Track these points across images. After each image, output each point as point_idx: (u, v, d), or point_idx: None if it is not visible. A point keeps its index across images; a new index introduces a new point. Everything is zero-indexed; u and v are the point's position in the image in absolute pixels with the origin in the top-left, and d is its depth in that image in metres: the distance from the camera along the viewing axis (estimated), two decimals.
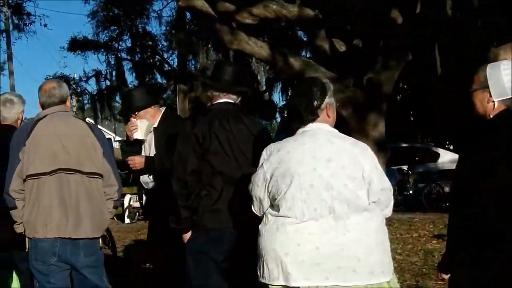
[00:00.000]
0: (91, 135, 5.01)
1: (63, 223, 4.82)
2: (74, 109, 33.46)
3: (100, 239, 5.04)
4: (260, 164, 4.00)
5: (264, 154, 4.00)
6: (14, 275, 5.68)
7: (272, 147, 4.00)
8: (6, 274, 5.60)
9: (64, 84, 5.34)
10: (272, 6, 9.23)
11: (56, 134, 4.93)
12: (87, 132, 5.00)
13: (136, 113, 5.93)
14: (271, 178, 3.89)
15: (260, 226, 3.92)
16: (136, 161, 5.88)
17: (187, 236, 4.88)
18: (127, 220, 18.76)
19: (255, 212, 4.03)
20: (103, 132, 5.51)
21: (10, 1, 28.46)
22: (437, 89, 20.77)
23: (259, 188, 3.95)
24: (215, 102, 5.05)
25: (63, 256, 4.86)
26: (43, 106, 5.14)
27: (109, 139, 5.48)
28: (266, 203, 3.93)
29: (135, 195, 18.72)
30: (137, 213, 19.16)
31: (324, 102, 3.94)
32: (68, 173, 4.87)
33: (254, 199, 4.01)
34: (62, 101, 5.15)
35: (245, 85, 5.55)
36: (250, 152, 4.80)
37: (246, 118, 4.99)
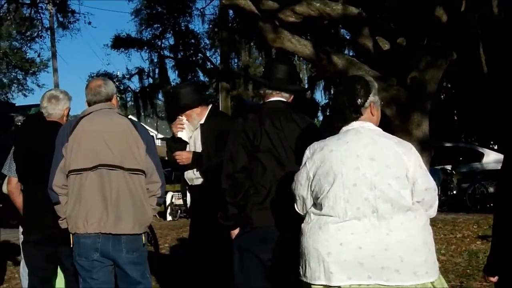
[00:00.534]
0: (134, 132, 5.02)
1: (103, 219, 4.85)
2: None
3: (144, 236, 5.04)
4: (303, 162, 3.99)
5: (307, 152, 3.99)
6: (59, 270, 5.73)
7: (315, 145, 3.98)
8: (51, 269, 5.65)
9: (110, 82, 5.37)
10: (316, 4, 9.20)
11: (98, 130, 4.97)
12: (130, 129, 5.02)
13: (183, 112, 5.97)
14: (314, 176, 3.87)
15: (302, 225, 3.91)
16: (184, 156, 5.91)
17: (234, 232, 4.89)
18: (169, 218, 18.86)
19: (298, 211, 4.03)
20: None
21: None
22: (482, 88, 20.55)
23: (302, 187, 3.94)
24: (267, 100, 5.06)
25: (105, 251, 4.88)
26: (89, 104, 5.19)
27: (151, 136, 5.50)
28: (309, 202, 3.91)
29: (177, 193, 18.81)
30: (179, 211, 19.25)
31: (368, 101, 3.92)
32: (110, 169, 4.90)
33: (297, 198, 4.00)
34: (108, 99, 5.19)
35: (297, 84, 5.55)
36: (300, 151, 4.76)
37: (297, 117, 4.97)
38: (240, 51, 33.95)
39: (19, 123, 20.33)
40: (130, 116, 5.99)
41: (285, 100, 5.05)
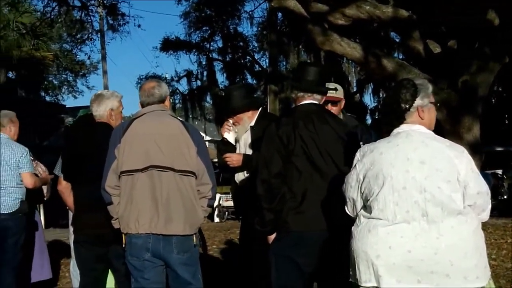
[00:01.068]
0: (185, 134, 5.04)
1: (154, 220, 4.88)
2: None
3: (195, 237, 5.05)
4: (353, 164, 3.99)
5: (358, 155, 3.99)
6: (110, 271, 5.79)
7: (365, 148, 3.98)
8: (101, 269, 5.70)
9: (163, 84, 5.39)
10: (366, 7, 9.12)
11: (150, 132, 5.00)
12: (181, 131, 5.04)
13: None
14: (363, 179, 3.87)
15: (352, 228, 3.91)
16: (234, 158, 5.89)
17: (271, 238, 4.89)
18: (216, 219, 18.94)
19: (349, 213, 4.02)
20: None
21: (105, 2, 29.05)
22: None
23: (352, 189, 3.94)
24: (299, 104, 5.04)
25: (156, 252, 4.92)
26: (142, 105, 5.22)
27: (202, 138, 5.51)
28: (359, 204, 3.91)
29: (225, 194, 18.90)
30: (227, 212, 19.32)
31: (414, 105, 3.89)
32: (160, 171, 4.92)
33: (347, 199, 4.00)
34: (161, 101, 5.22)
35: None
36: (335, 153, 4.76)
37: (331, 119, 4.96)
38: (289, 54, 33.92)
39: (69, 125, 20.62)
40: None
41: (317, 102, 5.03)
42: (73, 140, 5.86)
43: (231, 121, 6.02)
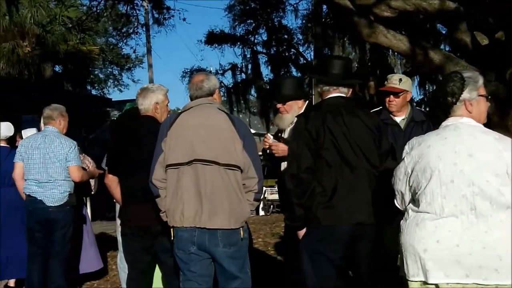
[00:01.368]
0: (231, 128, 5.03)
1: (198, 213, 4.89)
2: None
3: (242, 230, 5.03)
4: (402, 157, 3.97)
5: (406, 148, 3.97)
6: (157, 268, 5.84)
7: (414, 141, 3.96)
8: (148, 262, 5.75)
9: (213, 77, 5.40)
10: None
11: (195, 125, 5.01)
12: (227, 125, 5.04)
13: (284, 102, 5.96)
14: (412, 172, 3.85)
15: (401, 222, 3.90)
16: (280, 148, 5.81)
17: (301, 233, 4.89)
18: (261, 212, 18.96)
19: (398, 206, 4.01)
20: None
21: None
22: None
23: (400, 182, 3.92)
24: (326, 97, 5.03)
25: (202, 245, 4.93)
26: (191, 98, 5.23)
27: (250, 131, 5.50)
28: (408, 197, 3.90)
29: (269, 188, 18.91)
30: (272, 206, 19.33)
31: (461, 98, 3.86)
32: (205, 164, 4.93)
33: (396, 193, 3.98)
34: (210, 94, 5.22)
35: (355, 77, 5.51)
36: (365, 146, 4.75)
37: (360, 111, 4.94)
38: (334, 47, 33.67)
39: (115, 118, 20.82)
40: None
41: (344, 95, 5.02)
42: (118, 134, 5.92)
43: (271, 138, 5.97)
